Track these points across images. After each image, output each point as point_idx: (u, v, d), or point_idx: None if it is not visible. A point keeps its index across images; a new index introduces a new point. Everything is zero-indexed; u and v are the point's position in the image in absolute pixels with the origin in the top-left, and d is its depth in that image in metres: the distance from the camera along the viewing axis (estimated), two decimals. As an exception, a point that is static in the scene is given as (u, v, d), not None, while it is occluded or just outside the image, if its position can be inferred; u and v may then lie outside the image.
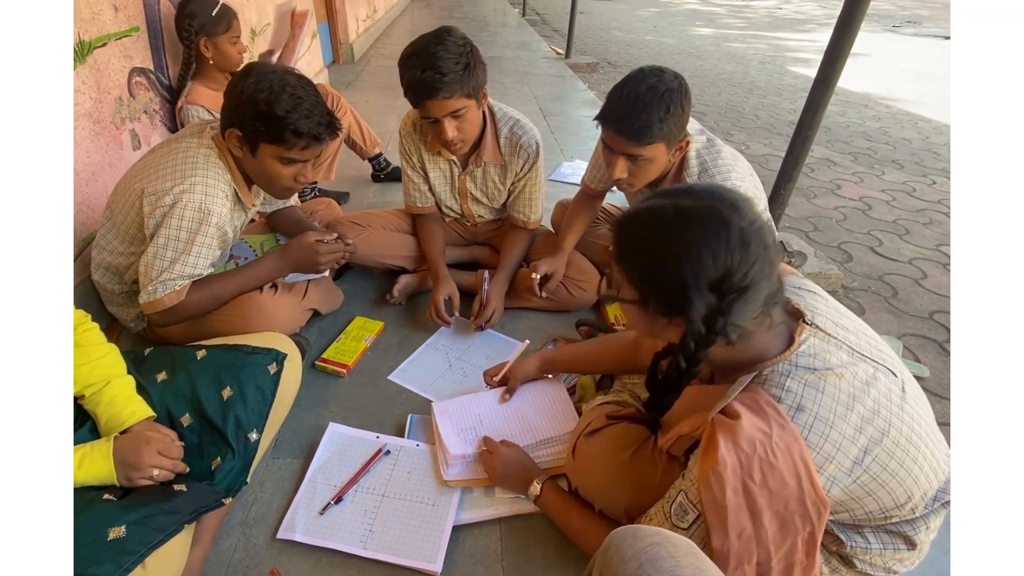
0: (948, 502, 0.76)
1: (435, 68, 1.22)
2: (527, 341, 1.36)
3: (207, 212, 1.11)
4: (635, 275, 0.71)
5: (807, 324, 0.72)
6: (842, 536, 0.78)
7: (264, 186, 1.22)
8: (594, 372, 1.29)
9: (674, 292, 0.66)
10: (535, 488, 1.02)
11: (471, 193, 1.62)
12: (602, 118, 1.21)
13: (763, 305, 0.67)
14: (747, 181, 1.28)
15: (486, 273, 1.58)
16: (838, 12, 1.67)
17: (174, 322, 1.21)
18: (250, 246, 1.48)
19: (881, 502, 0.70)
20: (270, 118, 1.07)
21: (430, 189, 1.64)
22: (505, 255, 1.63)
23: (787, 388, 0.67)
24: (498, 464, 1.07)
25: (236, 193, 1.22)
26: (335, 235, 1.37)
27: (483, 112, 1.45)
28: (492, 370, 1.35)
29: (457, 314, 1.55)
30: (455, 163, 1.56)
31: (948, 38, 8.31)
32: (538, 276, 1.50)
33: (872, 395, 0.68)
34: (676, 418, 0.82)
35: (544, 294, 1.54)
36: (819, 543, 0.67)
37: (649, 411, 0.89)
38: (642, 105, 1.14)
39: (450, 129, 1.32)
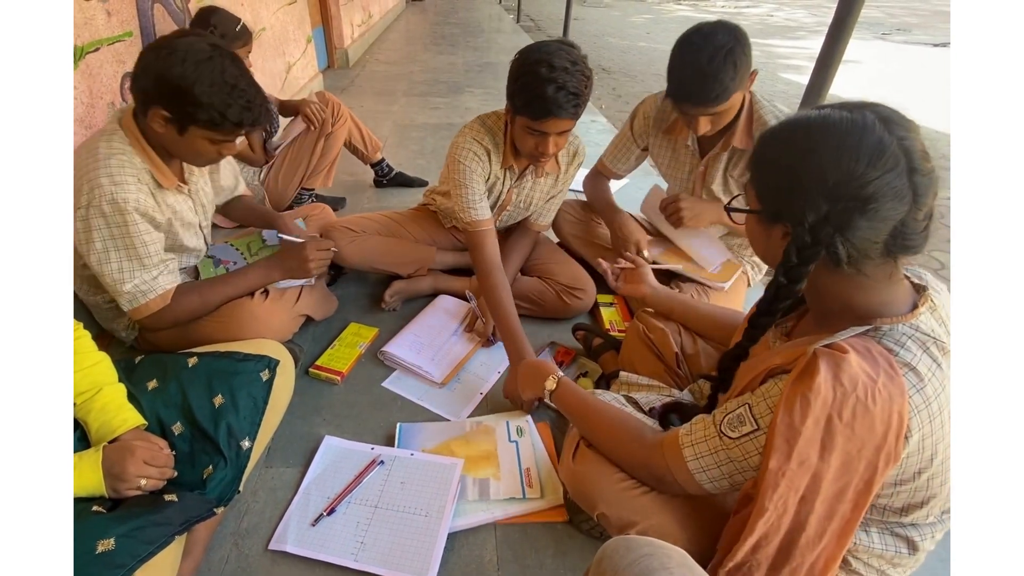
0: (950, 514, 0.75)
1: (574, 91, 1.19)
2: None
3: (122, 201, 1.06)
4: (759, 180, 0.71)
5: (930, 300, 0.68)
6: None
7: (187, 160, 1.19)
8: (692, 327, 1.22)
9: (789, 194, 0.64)
10: (551, 383, 1.03)
11: (509, 206, 1.58)
12: (675, 97, 1.26)
13: (889, 239, 0.63)
14: None
15: (468, 292, 1.63)
16: (829, 20, 1.69)
17: (164, 327, 1.20)
18: (237, 249, 1.47)
19: (915, 496, 0.69)
20: (209, 108, 1.04)
21: None
22: (506, 262, 1.58)
23: (906, 347, 0.63)
24: (516, 378, 1.11)
25: (152, 176, 1.15)
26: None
27: None
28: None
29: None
30: (511, 172, 1.49)
31: (937, 45, 8.43)
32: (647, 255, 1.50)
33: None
34: (741, 379, 0.80)
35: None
36: (869, 500, 0.65)
37: (724, 366, 0.87)
38: (711, 77, 1.18)
39: (553, 146, 1.30)
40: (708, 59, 1.17)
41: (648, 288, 1.25)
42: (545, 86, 1.18)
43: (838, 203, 0.61)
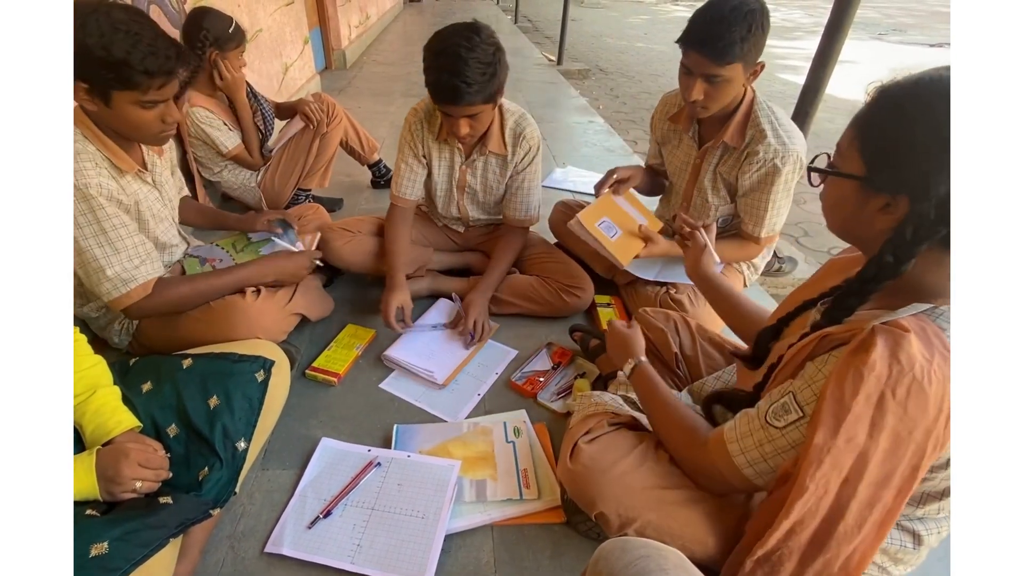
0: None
1: (461, 76, 1.21)
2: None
3: (84, 187, 1.02)
4: (873, 143, 0.64)
5: None
6: None
7: (134, 136, 1.13)
8: (722, 315, 1.18)
9: (916, 164, 0.59)
10: (630, 365, 1.04)
11: (469, 186, 1.61)
12: (685, 40, 1.24)
13: None
14: (795, 131, 1.35)
15: (453, 295, 1.64)
16: (826, 20, 1.70)
17: (145, 316, 1.20)
18: (223, 248, 1.47)
19: (939, 485, 0.68)
20: (112, 63, 0.96)
21: (429, 183, 1.62)
22: (494, 260, 1.61)
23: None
24: (616, 336, 1.12)
25: (110, 161, 1.10)
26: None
27: None
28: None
29: (410, 323, 1.52)
30: (459, 151, 1.55)
31: (933, 46, 8.45)
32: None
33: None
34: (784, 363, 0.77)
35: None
36: (913, 489, 0.63)
37: (761, 344, 0.86)
38: (726, 24, 1.16)
39: (464, 127, 1.34)
40: (730, 9, 1.17)
41: (702, 263, 1.18)
42: (438, 74, 1.23)
43: None
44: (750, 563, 0.70)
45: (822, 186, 0.73)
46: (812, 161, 0.75)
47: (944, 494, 0.70)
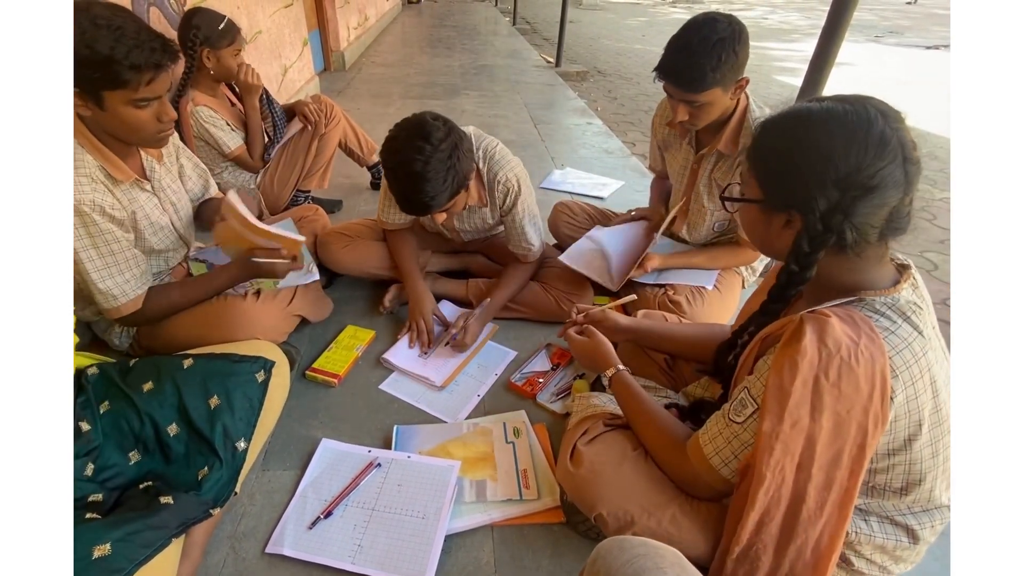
0: (949, 507, 0.76)
1: (422, 193, 1.19)
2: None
3: (77, 203, 1.01)
4: (762, 169, 0.73)
5: (912, 278, 0.72)
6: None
7: (132, 139, 1.10)
8: (672, 352, 1.21)
9: (798, 183, 0.67)
10: (608, 375, 1.05)
11: (457, 229, 1.61)
12: (658, 70, 1.25)
13: (887, 222, 0.67)
14: None
15: (475, 307, 1.59)
16: (823, 22, 1.71)
17: (142, 323, 1.20)
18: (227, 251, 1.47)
19: (912, 471, 0.72)
20: (98, 62, 0.93)
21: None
22: (499, 288, 1.57)
23: (886, 315, 0.68)
24: (580, 350, 1.13)
25: (106, 171, 1.09)
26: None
27: None
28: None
29: (445, 318, 1.54)
30: None
31: (929, 48, 8.49)
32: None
33: (944, 369, 0.69)
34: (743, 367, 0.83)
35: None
36: (864, 466, 0.67)
37: (725, 352, 0.91)
38: (695, 57, 1.17)
39: (438, 218, 1.33)
40: (698, 41, 1.17)
41: (620, 332, 1.21)
42: (399, 192, 1.23)
43: (848, 192, 0.64)
44: (730, 563, 0.73)
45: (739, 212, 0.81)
46: (724, 190, 0.84)
47: (922, 479, 0.72)
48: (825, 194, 0.65)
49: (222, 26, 1.75)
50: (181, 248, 1.38)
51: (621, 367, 1.05)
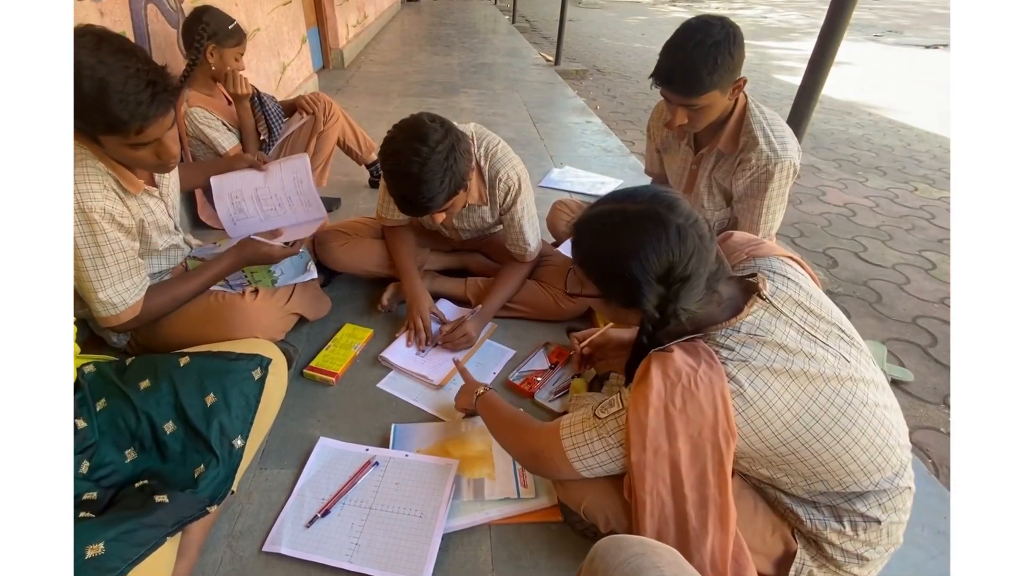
0: (910, 488, 0.80)
1: (420, 196, 1.19)
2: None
3: (88, 210, 1.01)
4: (594, 275, 0.82)
5: (761, 299, 0.79)
6: (799, 510, 0.82)
7: (135, 168, 1.11)
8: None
9: (628, 287, 0.76)
10: (475, 397, 1.12)
11: (456, 227, 1.61)
12: (655, 75, 1.25)
13: (706, 286, 0.77)
14: (789, 137, 1.35)
15: (473, 308, 1.59)
16: (822, 22, 1.70)
17: (139, 326, 1.20)
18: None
19: (809, 466, 0.76)
20: (82, 113, 0.91)
21: None
22: (495, 289, 1.58)
23: (725, 345, 0.76)
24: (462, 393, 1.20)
25: (118, 181, 1.08)
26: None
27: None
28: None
29: (445, 318, 1.54)
30: None
31: (928, 47, 8.50)
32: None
33: (812, 369, 0.74)
34: None
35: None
36: (728, 479, 0.75)
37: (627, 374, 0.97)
38: (689, 63, 1.18)
39: (438, 218, 1.33)
40: (693, 45, 1.17)
41: (624, 346, 1.25)
42: (398, 194, 1.23)
43: (670, 286, 0.74)
44: None
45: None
46: (567, 274, 0.91)
47: (839, 470, 0.76)
48: (653, 291, 0.74)
49: (232, 26, 1.81)
50: (184, 248, 1.37)
51: (482, 390, 1.12)
